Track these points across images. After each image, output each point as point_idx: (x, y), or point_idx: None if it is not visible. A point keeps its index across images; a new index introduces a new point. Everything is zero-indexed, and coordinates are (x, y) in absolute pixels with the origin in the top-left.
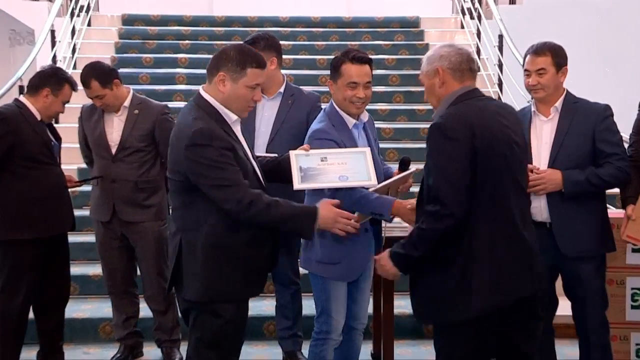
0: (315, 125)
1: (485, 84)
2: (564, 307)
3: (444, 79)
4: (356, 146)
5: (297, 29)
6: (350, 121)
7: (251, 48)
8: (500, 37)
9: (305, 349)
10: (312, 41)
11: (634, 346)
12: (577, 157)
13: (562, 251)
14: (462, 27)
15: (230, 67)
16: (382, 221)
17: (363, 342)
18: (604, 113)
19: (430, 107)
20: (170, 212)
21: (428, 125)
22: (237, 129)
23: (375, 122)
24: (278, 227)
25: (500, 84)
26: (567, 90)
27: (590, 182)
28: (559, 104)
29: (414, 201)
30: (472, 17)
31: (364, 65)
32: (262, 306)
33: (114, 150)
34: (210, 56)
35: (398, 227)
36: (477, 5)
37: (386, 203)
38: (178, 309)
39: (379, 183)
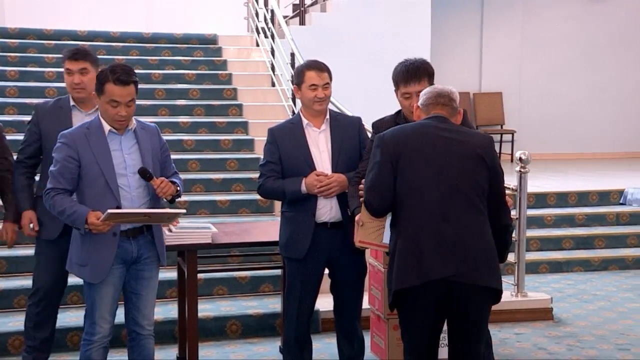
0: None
1: (280, 98)
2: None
3: (417, 114)
4: (108, 152)
5: (96, 43)
6: (107, 128)
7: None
8: (292, 55)
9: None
10: (112, 55)
11: None
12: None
13: (352, 245)
14: (258, 45)
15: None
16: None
17: (169, 346)
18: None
19: (225, 120)
20: None
21: (228, 137)
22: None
23: (177, 134)
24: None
25: (293, 98)
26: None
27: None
28: None
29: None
30: (266, 36)
31: (128, 86)
32: (65, 317)
33: None
34: (2, 68)
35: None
36: (270, 25)
37: (81, 217)
38: None
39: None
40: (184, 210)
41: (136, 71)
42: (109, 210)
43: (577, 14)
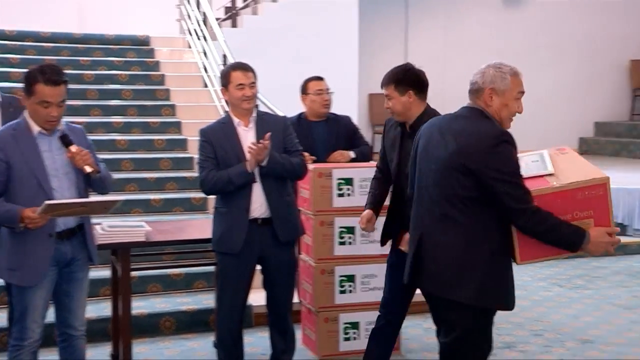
0: None
1: (212, 99)
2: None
3: None
4: (38, 153)
5: (25, 43)
6: (35, 129)
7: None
8: (224, 56)
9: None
10: (42, 56)
11: (342, 325)
12: None
13: (280, 239)
14: (190, 46)
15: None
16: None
17: (102, 344)
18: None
19: (158, 120)
20: None
21: (161, 137)
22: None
23: (110, 134)
24: None
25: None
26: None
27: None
28: None
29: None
30: (198, 38)
31: (59, 87)
32: None
33: None
34: None
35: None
36: (202, 27)
37: (14, 214)
38: None
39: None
40: (122, 198)
41: (67, 72)
42: (47, 202)
43: (494, 19)
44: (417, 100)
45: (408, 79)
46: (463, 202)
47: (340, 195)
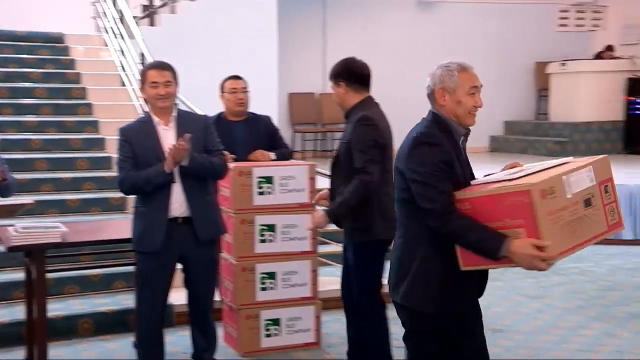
0: None
1: (130, 98)
2: None
3: None
4: None
5: None
6: None
7: None
8: (142, 55)
9: None
10: None
11: (264, 322)
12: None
13: (200, 238)
14: (107, 45)
15: None
16: None
17: (16, 348)
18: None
19: (75, 119)
20: None
21: (78, 136)
22: None
23: (23, 133)
24: None
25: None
26: None
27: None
28: None
29: None
30: (115, 36)
31: None
32: None
33: None
34: None
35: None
36: (119, 25)
37: None
38: None
39: None
40: (31, 201)
41: None
42: None
43: (409, 21)
44: (351, 92)
45: (339, 71)
46: (403, 205)
47: (261, 193)
